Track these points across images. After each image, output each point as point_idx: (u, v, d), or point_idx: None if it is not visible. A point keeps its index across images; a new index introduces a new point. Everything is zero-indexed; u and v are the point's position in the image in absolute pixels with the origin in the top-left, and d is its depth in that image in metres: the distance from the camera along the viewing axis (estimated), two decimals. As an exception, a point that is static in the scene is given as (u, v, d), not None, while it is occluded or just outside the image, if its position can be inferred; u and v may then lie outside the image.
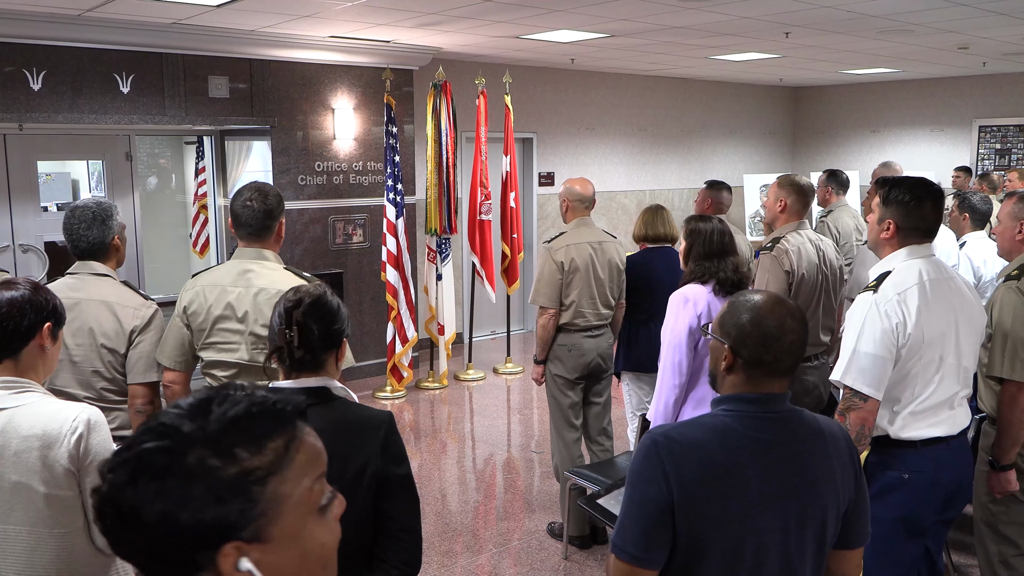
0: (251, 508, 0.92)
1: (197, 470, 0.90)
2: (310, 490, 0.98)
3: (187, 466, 0.89)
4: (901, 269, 2.73)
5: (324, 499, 1.00)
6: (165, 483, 0.89)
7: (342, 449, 1.94)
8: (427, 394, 7.58)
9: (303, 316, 1.98)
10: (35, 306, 2.09)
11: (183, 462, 0.90)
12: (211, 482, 0.90)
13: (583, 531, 4.50)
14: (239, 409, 0.95)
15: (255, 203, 2.92)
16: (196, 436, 0.91)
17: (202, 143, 7.75)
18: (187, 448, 0.90)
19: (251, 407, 0.95)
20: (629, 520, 1.74)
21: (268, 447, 0.94)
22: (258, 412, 0.96)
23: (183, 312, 2.91)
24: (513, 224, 7.90)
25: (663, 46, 7.89)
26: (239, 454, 0.92)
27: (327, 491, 1.01)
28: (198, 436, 0.91)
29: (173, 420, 0.93)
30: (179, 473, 0.89)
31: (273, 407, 0.97)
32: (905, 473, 2.69)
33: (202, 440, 0.91)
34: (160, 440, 0.91)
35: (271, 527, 0.93)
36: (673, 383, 3.29)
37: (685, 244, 3.56)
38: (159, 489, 0.88)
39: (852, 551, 1.89)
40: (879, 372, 2.62)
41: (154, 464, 0.90)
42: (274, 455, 0.95)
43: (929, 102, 11.32)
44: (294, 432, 0.98)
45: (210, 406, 0.94)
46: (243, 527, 0.91)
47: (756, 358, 1.80)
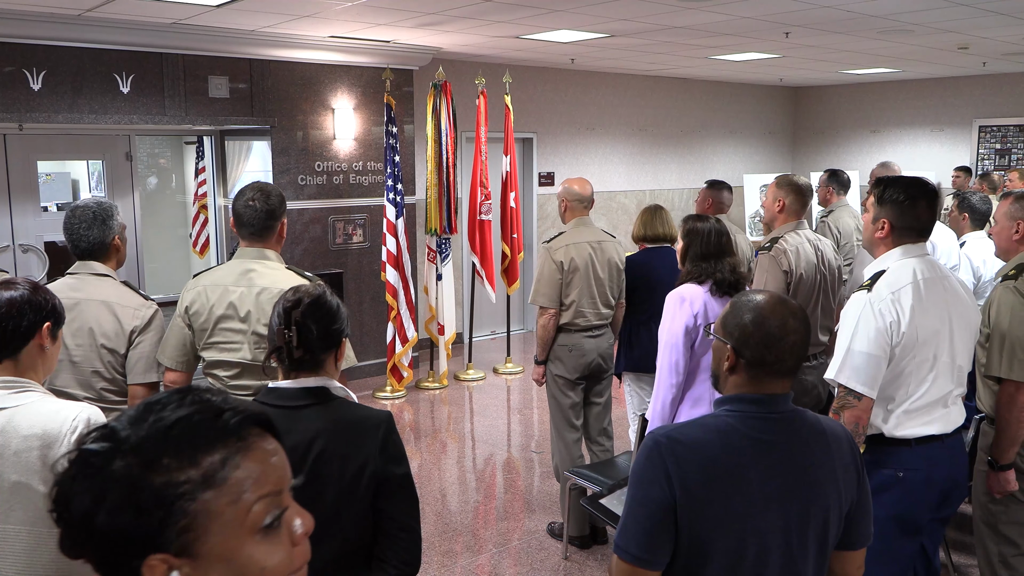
0: (174, 521, 0.88)
1: (120, 476, 0.88)
2: (248, 510, 0.92)
3: (113, 471, 0.88)
4: (895, 268, 2.74)
5: (269, 518, 0.93)
6: (92, 485, 0.88)
7: (341, 449, 1.94)
8: (427, 394, 7.59)
9: (302, 316, 1.98)
10: (34, 306, 2.09)
11: (111, 467, 0.88)
12: (131, 490, 0.88)
13: (583, 531, 4.51)
14: (176, 417, 0.91)
15: (258, 203, 2.93)
16: (129, 442, 0.89)
17: (202, 143, 7.75)
18: (117, 453, 0.89)
19: (192, 416, 0.92)
20: (631, 520, 1.74)
21: (202, 461, 0.90)
22: (198, 423, 0.91)
23: (185, 312, 2.91)
24: (513, 224, 7.90)
25: (663, 46, 7.89)
26: (167, 465, 0.89)
27: (274, 510, 0.94)
28: (130, 442, 0.89)
29: (119, 423, 0.91)
30: (106, 477, 0.88)
31: (217, 419, 0.92)
32: (900, 471, 2.69)
33: (132, 447, 0.89)
34: (99, 442, 0.90)
35: (200, 544, 0.90)
36: (670, 382, 3.30)
37: (683, 244, 3.56)
38: (88, 490, 0.88)
39: (854, 552, 1.90)
40: (873, 371, 2.63)
41: (89, 465, 0.89)
42: (207, 470, 0.90)
43: (929, 102, 11.32)
44: (241, 445, 0.93)
45: (151, 412, 0.92)
46: (168, 540, 0.88)
47: (759, 358, 1.81)
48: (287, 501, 0.98)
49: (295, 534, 0.97)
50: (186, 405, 0.93)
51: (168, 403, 0.93)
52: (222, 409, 0.93)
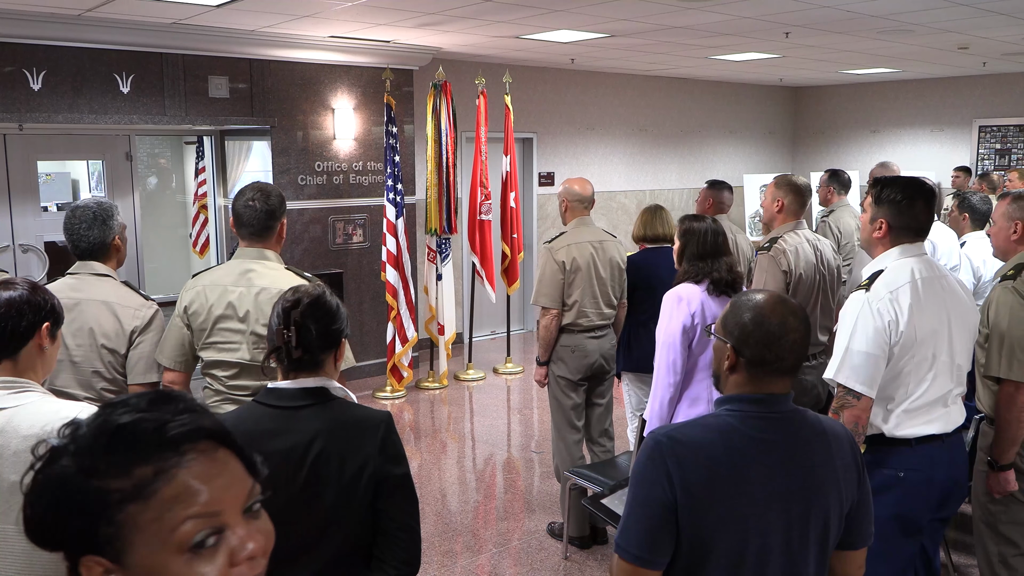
0: (99, 528, 0.88)
1: (58, 475, 0.89)
2: (174, 528, 0.89)
3: (54, 469, 0.90)
4: (893, 268, 2.74)
5: (201, 538, 0.90)
6: (37, 480, 0.90)
7: (340, 449, 1.94)
8: (427, 394, 7.59)
9: (301, 316, 1.98)
10: (33, 306, 2.09)
11: (54, 466, 0.90)
12: (65, 491, 0.88)
13: (583, 531, 4.50)
14: (120, 423, 0.90)
15: (257, 203, 2.93)
16: (74, 443, 0.90)
17: (202, 143, 7.75)
18: (63, 453, 0.90)
19: (136, 424, 0.90)
20: (633, 520, 1.74)
21: (135, 472, 0.88)
22: (139, 432, 0.90)
23: (183, 312, 2.91)
24: (513, 224, 7.90)
25: (663, 46, 7.89)
26: (102, 471, 0.88)
27: (206, 530, 0.90)
28: (75, 444, 0.90)
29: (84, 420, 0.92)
30: (48, 474, 0.90)
31: (159, 430, 0.90)
32: (900, 471, 2.69)
33: (75, 449, 0.90)
34: (57, 439, 0.92)
35: (127, 555, 0.89)
36: (668, 382, 3.30)
37: (679, 244, 3.56)
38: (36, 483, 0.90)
39: (855, 552, 1.90)
40: (872, 370, 2.63)
41: (45, 459, 0.91)
42: (137, 481, 0.88)
43: (929, 102, 11.32)
44: (177, 460, 0.90)
45: (100, 414, 0.92)
46: (98, 544, 0.89)
47: (759, 357, 1.81)
48: (232, 520, 0.93)
49: (237, 556, 0.92)
50: (136, 411, 0.91)
51: (123, 407, 0.92)
52: (166, 421, 0.91)
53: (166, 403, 0.93)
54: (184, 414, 0.93)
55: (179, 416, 0.92)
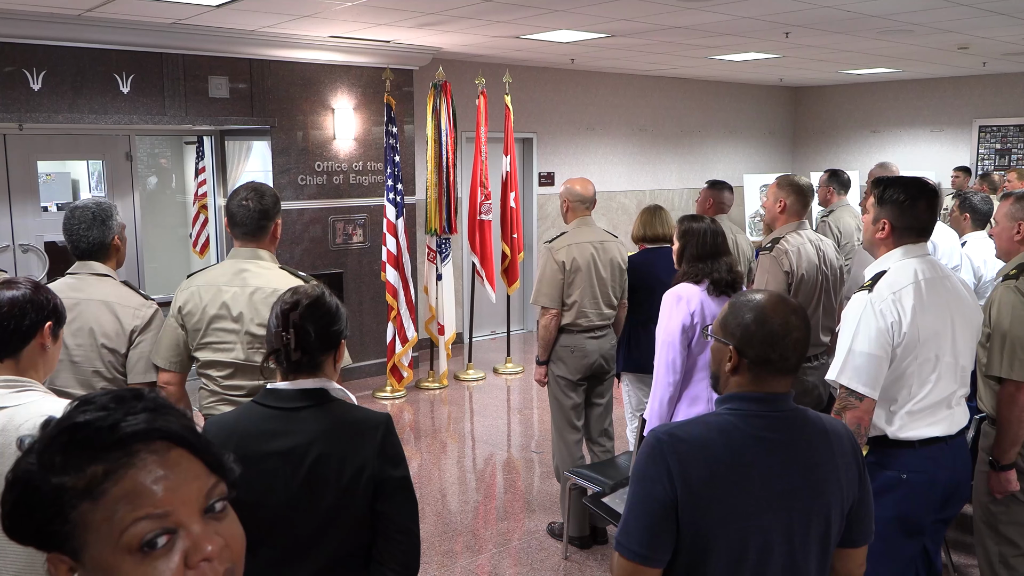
0: (57, 525, 0.89)
1: (22, 473, 0.90)
2: (123, 529, 0.88)
3: (18, 467, 0.91)
4: (896, 268, 2.73)
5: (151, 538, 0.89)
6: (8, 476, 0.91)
7: (339, 451, 1.94)
8: (427, 394, 7.58)
9: (300, 318, 1.97)
10: (36, 305, 2.09)
11: (20, 463, 0.91)
12: (27, 488, 0.90)
13: (583, 531, 4.50)
14: (79, 421, 0.90)
15: (251, 203, 2.92)
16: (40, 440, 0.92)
17: (202, 143, 7.75)
18: (30, 451, 0.92)
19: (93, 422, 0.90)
20: (633, 518, 1.75)
21: (87, 470, 0.88)
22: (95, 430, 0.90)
23: (178, 312, 2.91)
24: (513, 224, 7.90)
25: (663, 46, 7.89)
26: (60, 467, 0.89)
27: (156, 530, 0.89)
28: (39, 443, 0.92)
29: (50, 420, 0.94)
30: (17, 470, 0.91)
31: (112, 429, 0.90)
32: (903, 473, 2.69)
33: (38, 447, 0.91)
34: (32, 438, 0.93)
35: (82, 553, 0.89)
36: (668, 381, 3.30)
37: (679, 244, 3.56)
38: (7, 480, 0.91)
39: (856, 549, 1.90)
40: (874, 371, 2.62)
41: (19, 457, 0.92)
42: (89, 480, 0.88)
43: (929, 102, 11.32)
44: (126, 461, 0.90)
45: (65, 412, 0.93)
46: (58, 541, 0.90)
47: (762, 357, 1.81)
48: (184, 521, 0.92)
49: (192, 557, 0.91)
50: (96, 409, 0.91)
51: (88, 404, 0.92)
52: (119, 420, 0.90)
53: (129, 401, 0.93)
54: (142, 413, 0.92)
55: (135, 415, 0.91)
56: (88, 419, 0.90)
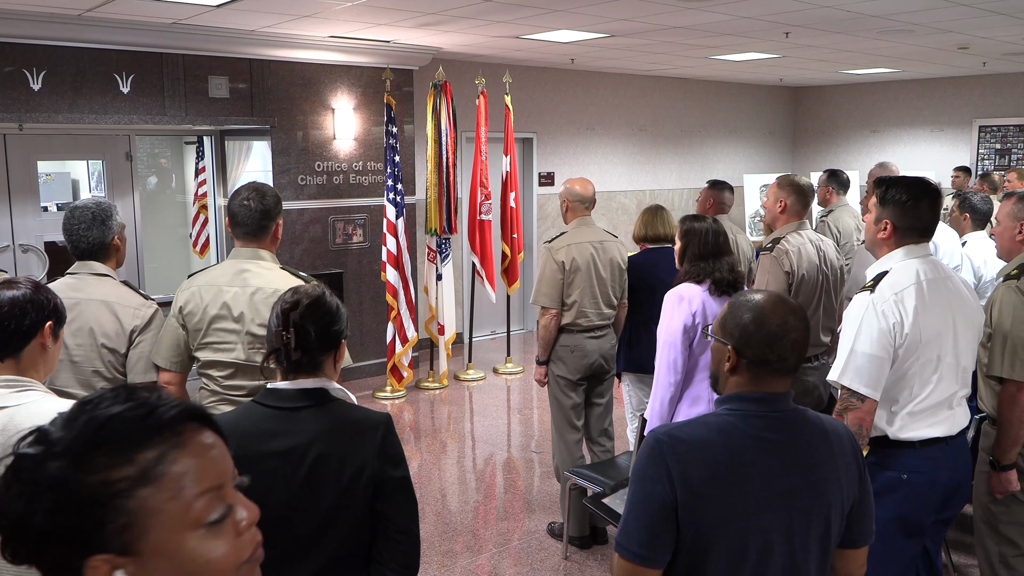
0: (113, 520, 0.88)
1: (54, 478, 0.87)
2: (190, 505, 0.91)
3: (46, 474, 0.88)
4: (898, 269, 2.72)
5: (215, 514, 0.93)
6: (25, 489, 0.88)
7: (339, 451, 1.93)
8: (427, 394, 7.58)
9: (300, 318, 1.97)
10: (36, 305, 2.09)
11: (43, 470, 0.88)
12: (65, 492, 0.87)
13: (583, 531, 4.50)
14: (108, 415, 0.90)
15: (252, 203, 2.92)
16: (60, 444, 0.89)
17: (202, 143, 7.75)
18: (50, 456, 0.88)
19: (125, 412, 0.91)
20: (633, 519, 1.74)
21: (135, 458, 0.89)
22: (131, 419, 0.91)
23: (179, 312, 2.91)
24: (513, 224, 7.90)
25: (663, 46, 7.89)
26: (101, 463, 0.88)
27: (219, 504, 0.94)
28: (62, 444, 0.89)
29: (54, 425, 0.91)
30: (40, 480, 0.88)
31: (150, 415, 0.92)
32: (904, 474, 2.68)
33: (64, 448, 0.89)
34: (32, 446, 0.89)
35: (141, 541, 0.89)
36: (669, 381, 3.30)
37: (680, 244, 3.56)
38: (21, 494, 0.88)
39: (856, 550, 1.90)
40: (876, 372, 2.61)
41: (23, 469, 0.89)
42: (142, 466, 0.89)
43: (929, 102, 11.32)
44: (176, 440, 0.92)
45: (83, 411, 0.91)
46: (109, 540, 0.88)
47: (761, 358, 1.80)
48: (230, 494, 0.97)
49: (239, 525, 0.96)
50: (120, 402, 0.92)
51: (102, 401, 0.92)
52: (155, 405, 0.93)
53: (143, 393, 0.95)
54: (164, 399, 0.95)
55: (164, 402, 0.94)
56: (119, 411, 0.91)
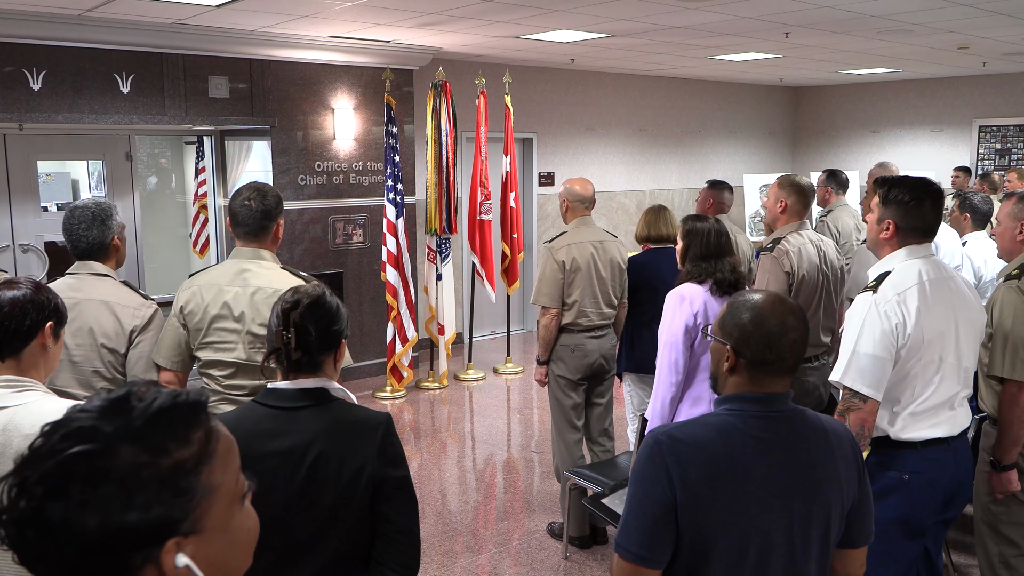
0: (189, 501, 0.91)
1: (131, 469, 0.87)
2: (236, 478, 0.99)
3: (120, 467, 0.87)
4: (900, 269, 2.72)
5: (246, 486, 1.00)
6: (99, 489, 0.85)
7: (339, 450, 1.93)
8: (427, 394, 7.58)
9: (300, 318, 1.97)
10: (37, 305, 2.09)
11: (114, 463, 0.87)
12: (148, 479, 0.88)
13: (583, 531, 4.50)
14: (162, 402, 0.93)
15: (253, 203, 2.93)
16: (122, 434, 0.89)
17: (202, 143, 7.75)
18: (115, 448, 0.87)
19: (172, 399, 0.94)
20: (633, 519, 1.74)
21: (192, 438, 0.93)
22: (180, 403, 0.94)
23: (180, 312, 2.91)
24: (513, 224, 7.90)
25: (663, 46, 7.89)
26: (169, 447, 0.91)
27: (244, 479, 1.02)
28: (124, 434, 0.89)
29: (92, 422, 0.89)
30: (113, 476, 0.86)
31: (188, 398, 0.96)
32: (905, 474, 2.68)
33: (130, 438, 0.89)
34: (84, 444, 0.87)
35: (205, 518, 0.93)
36: (670, 381, 3.30)
37: (682, 244, 3.56)
38: (93, 496, 0.85)
39: (856, 550, 1.90)
40: (878, 373, 2.61)
41: (82, 471, 0.86)
42: (200, 445, 0.94)
43: (929, 102, 11.32)
44: (210, 423, 0.98)
45: (129, 403, 0.92)
46: (183, 521, 0.90)
47: (759, 358, 1.80)
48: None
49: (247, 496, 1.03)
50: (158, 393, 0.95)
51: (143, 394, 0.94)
52: (179, 392, 0.96)
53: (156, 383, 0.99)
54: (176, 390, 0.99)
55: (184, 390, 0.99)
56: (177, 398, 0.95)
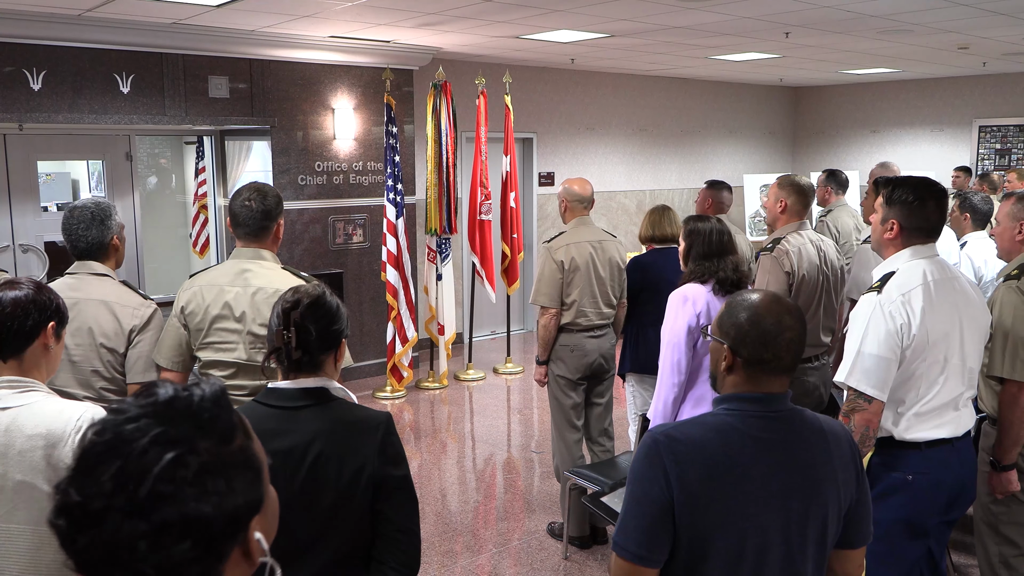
0: (260, 477, 0.95)
1: (218, 459, 0.90)
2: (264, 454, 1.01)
3: (209, 460, 0.89)
4: (905, 270, 2.71)
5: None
6: (206, 484, 0.88)
7: (339, 450, 1.93)
8: (427, 394, 7.58)
9: (300, 317, 1.98)
10: (39, 306, 2.09)
11: (203, 459, 0.89)
12: (232, 465, 0.92)
13: (583, 531, 4.50)
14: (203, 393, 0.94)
15: (254, 203, 2.93)
16: (194, 432, 0.90)
17: (202, 143, 7.75)
18: (196, 445, 0.89)
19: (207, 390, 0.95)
20: (630, 518, 1.75)
21: (236, 421, 0.96)
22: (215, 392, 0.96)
23: (180, 312, 2.91)
24: (513, 224, 7.90)
25: (663, 46, 7.89)
26: (230, 433, 0.94)
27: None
28: (195, 431, 0.90)
29: (158, 427, 0.89)
30: (210, 469, 0.89)
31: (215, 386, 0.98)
32: (909, 475, 2.67)
33: (200, 433, 0.90)
34: (171, 449, 0.88)
35: (266, 498, 0.97)
36: (672, 382, 3.30)
37: (684, 244, 3.56)
38: (203, 491, 0.88)
39: (854, 551, 1.90)
40: (883, 373, 2.60)
41: (184, 473, 0.87)
42: (244, 429, 0.97)
43: (929, 102, 11.32)
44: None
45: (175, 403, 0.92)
46: (263, 497, 0.95)
47: (755, 356, 1.81)
48: None
49: None
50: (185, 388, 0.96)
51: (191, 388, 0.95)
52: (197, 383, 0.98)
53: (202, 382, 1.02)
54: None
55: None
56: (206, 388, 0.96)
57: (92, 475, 0.87)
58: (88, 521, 0.86)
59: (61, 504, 0.87)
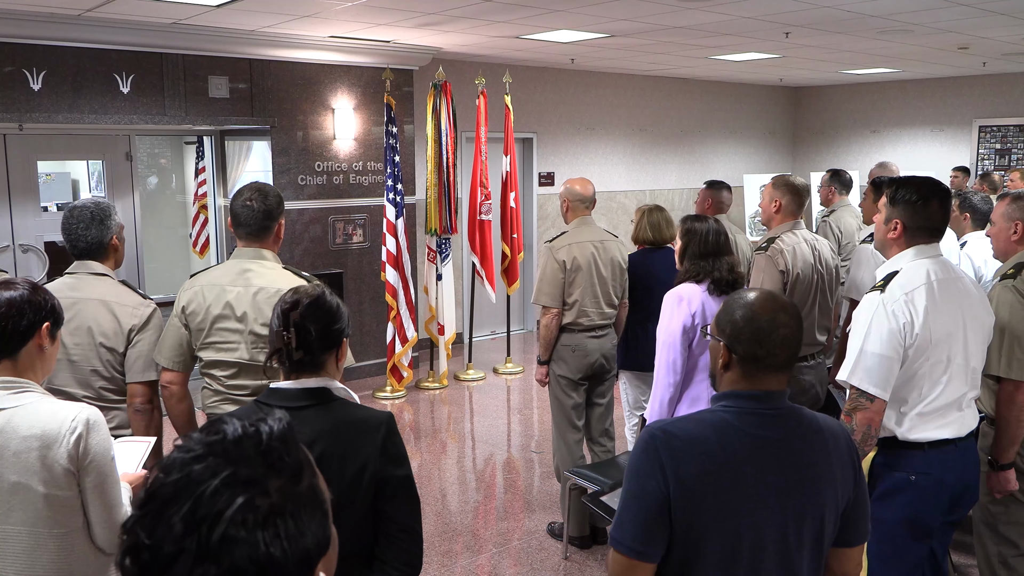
0: (327, 516, 0.96)
1: (288, 499, 0.89)
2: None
3: (279, 501, 0.88)
4: (908, 269, 2.71)
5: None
6: (278, 527, 0.87)
7: (341, 450, 1.94)
8: (427, 394, 7.59)
9: (301, 317, 1.98)
10: (34, 306, 2.09)
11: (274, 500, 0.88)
12: (303, 504, 0.90)
13: (583, 531, 4.50)
14: (270, 430, 0.93)
15: (255, 203, 2.93)
16: (264, 472, 0.89)
17: (202, 143, 7.75)
18: (267, 486, 0.88)
19: (274, 426, 0.95)
20: (627, 514, 1.76)
21: (302, 458, 0.97)
22: (284, 428, 0.97)
23: (181, 312, 2.92)
24: (513, 224, 7.90)
25: (663, 46, 7.89)
26: (298, 471, 0.94)
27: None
28: (267, 471, 0.89)
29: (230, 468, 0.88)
30: (281, 510, 0.88)
31: (282, 421, 0.98)
32: (912, 475, 2.67)
33: (272, 473, 0.90)
34: (244, 493, 0.86)
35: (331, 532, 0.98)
36: (668, 381, 3.30)
37: (681, 243, 3.57)
38: (274, 535, 0.86)
39: (852, 549, 1.90)
40: (886, 372, 2.60)
41: (255, 516, 0.86)
42: (308, 462, 0.99)
43: (929, 102, 11.32)
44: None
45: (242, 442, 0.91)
46: (330, 536, 0.96)
47: (750, 353, 1.81)
48: None
49: None
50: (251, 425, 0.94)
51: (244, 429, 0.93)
52: (263, 417, 0.99)
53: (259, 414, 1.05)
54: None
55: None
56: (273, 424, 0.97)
57: (162, 517, 0.85)
58: (157, 565, 0.83)
59: (130, 545, 0.85)
